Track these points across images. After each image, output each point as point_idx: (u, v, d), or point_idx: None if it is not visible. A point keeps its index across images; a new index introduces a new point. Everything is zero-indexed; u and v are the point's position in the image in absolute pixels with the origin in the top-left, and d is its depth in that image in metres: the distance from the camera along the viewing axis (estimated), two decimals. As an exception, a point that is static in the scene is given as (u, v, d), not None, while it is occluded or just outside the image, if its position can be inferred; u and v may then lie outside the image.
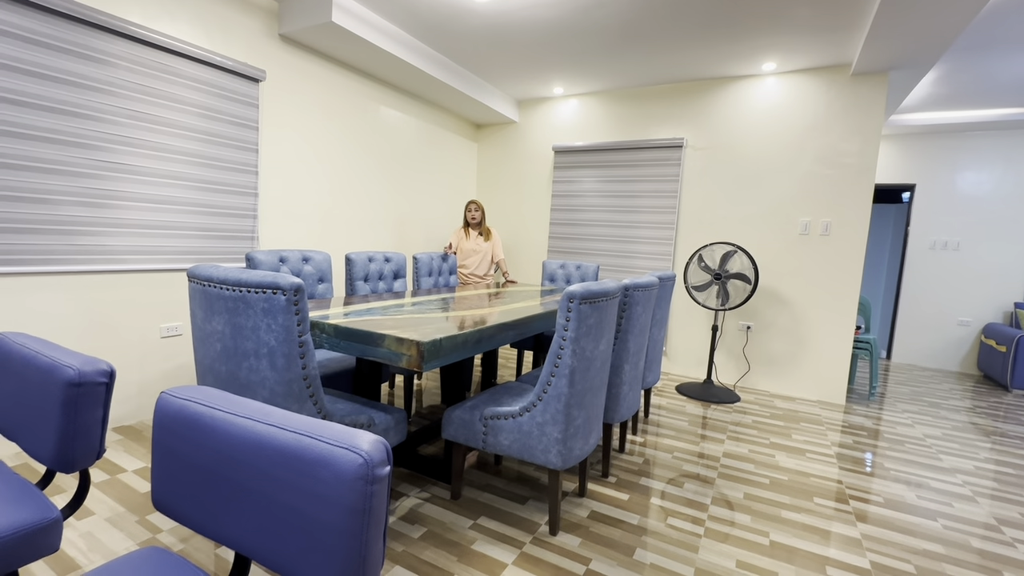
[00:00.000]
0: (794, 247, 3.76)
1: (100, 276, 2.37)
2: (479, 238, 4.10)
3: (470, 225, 4.13)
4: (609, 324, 1.87)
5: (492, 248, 4.15)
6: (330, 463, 0.62)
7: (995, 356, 4.51)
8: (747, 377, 3.99)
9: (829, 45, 3.21)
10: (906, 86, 3.59)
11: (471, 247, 4.08)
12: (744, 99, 3.87)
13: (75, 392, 0.95)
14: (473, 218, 4.09)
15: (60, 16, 2.11)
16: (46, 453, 0.98)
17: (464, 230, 4.14)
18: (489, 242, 4.13)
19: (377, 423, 1.71)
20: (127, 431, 2.45)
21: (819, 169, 3.64)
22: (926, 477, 2.47)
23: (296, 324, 1.44)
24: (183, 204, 2.63)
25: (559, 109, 4.68)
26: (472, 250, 4.08)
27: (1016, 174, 4.72)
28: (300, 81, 3.21)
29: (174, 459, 0.77)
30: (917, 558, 1.78)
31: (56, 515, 0.96)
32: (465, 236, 4.11)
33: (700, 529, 1.89)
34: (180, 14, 2.54)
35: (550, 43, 3.44)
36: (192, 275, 1.56)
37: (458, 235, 4.12)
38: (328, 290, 2.73)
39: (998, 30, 2.93)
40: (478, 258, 4.09)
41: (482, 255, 4.10)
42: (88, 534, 1.64)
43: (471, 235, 4.10)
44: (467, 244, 4.09)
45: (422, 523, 1.83)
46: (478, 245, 4.08)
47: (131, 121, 2.39)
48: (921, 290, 5.15)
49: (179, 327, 2.70)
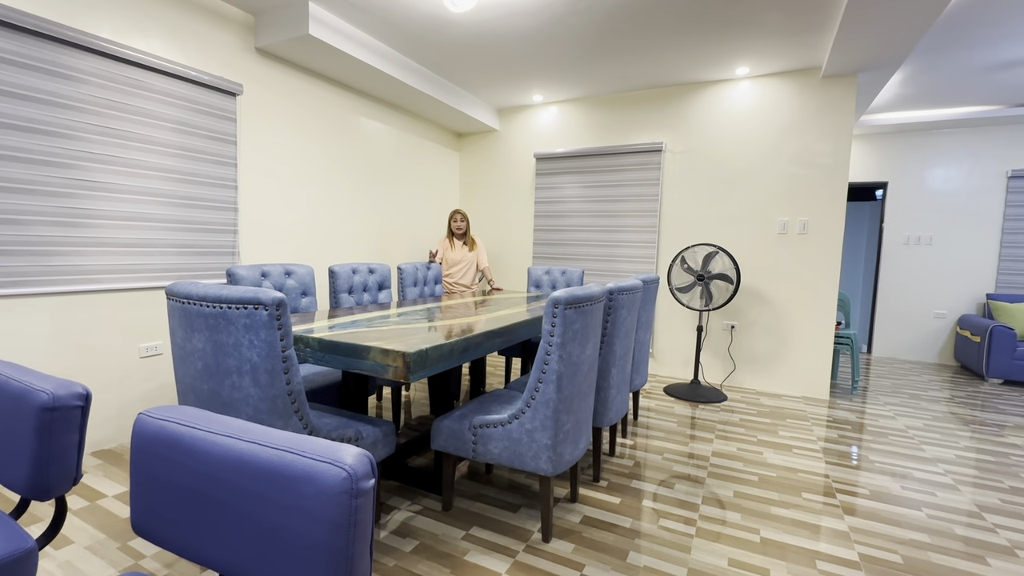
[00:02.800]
0: (773, 246, 3.83)
1: (75, 297, 2.31)
2: (463, 248, 4.11)
3: (455, 235, 4.12)
4: (595, 328, 1.88)
5: (477, 257, 4.16)
6: (313, 478, 0.62)
7: (971, 347, 4.63)
8: (733, 376, 4.03)
9: (799, 48, 3.30)
10: (874, 87, 3.70)
11: (456, 257, 4.08)
12: (720, 103, 3.95)
13: (49, 417, 0.92)
14: (459, 228, 4.08)
15: (27, 33, 2.07)
16: (19, 481, 0.95)
17: (449, 239, 4.14)
18: (474, 252, 4.15)
19: (365, 436, 1.69)
20: (107, 455, 2.38)
21: (794, 169, 3.72)
22: (909, 468, 2.52)
23: (279, 339, 1.42)
24: (160, 221, 2.59)
25: (539, 117, 4.72)
26: (457, 260, 4.08)
27: (983, 169, 4.88)
28: (278, 94, 3.19)
29: (153, 482, 0.75)
30: (903, 548, 1.81)
31: (30, 545, 0.93)
32: (450, 246, 4.11)
33: (692, 529, 1.90)
34: (152, 29, 2.51)
35: (528, 51, 3.48)
36: (170, 292, 1.53)
37: (443, 244, 4.11)
38: (312, 303, 2.70)
39: (959, 32, 3.04)
40: (463, 267, 4.09)
41: (467, 264, 4.10)
42: (67, 563, 1.59)
43: (456, 245, 4.11)
44: (452, 254, 4.09)
45: (414, 536, 1.81)
46: (463, 255, 4.09)
47: (104, 138, 2.35)
48: (898, 285, 5.28)
49: (159, 346, 2.65)
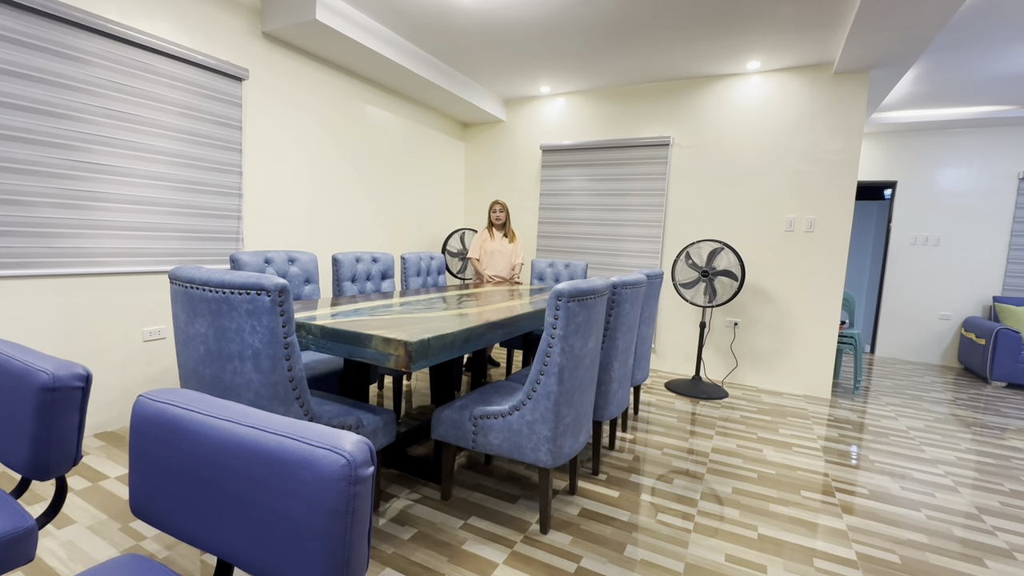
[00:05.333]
0: (779, 244, 3.80)
1: (79, 279, 2.31)
2: (504, 240, 3.93)
3: (494, 225, 3.95)
4: (597, 322, 1.87)
5: (515, 250, 3.97)
6: (312, 464, 0.61)
7: (975, 349, 4.60)
8: (735, 373, 4.02)
9: (812, 43, 3.25)
10: (887, 84, 3.65)
11: (495, 247, 3.89)
12: (730, 97, 3.90)
13: (49, 397, 0.92)
14: (498, 219, 3.92)
15: (34, 12, 2.06)
16: (20, 460, 0.96)
17: (489, 230, 3.95)
18: (513, 244, 3.95)
19: (365, 424, 1.69)
20: (109, 437, 2.40)
21: (803, 166, 3.68)
22: (909, 468, 2.51)
23: (281, 325, 1.42)
24: (165, 205, 2.58)
25: (546, 108, 4.68)
26: (496, 251, 3.90)
27: (993, 170, 4.82)
28: (284, 80, 3.17)
29: (152, 464, 0.75)
30: (901, 548, 1.81)
31: (30, 524, 0.93)
32: (490, 236, 3.92)
33: (690, 524, 1.90)
34: (158, 11, 2.49)
35: (537, 41, 3.44)
36: (173, 277, 1.53)
37: (482, 236, 3.92)
38: (315, 291, 2.70)
39: (975, 29, 2.99)
40: (502, 259, 3.91)
41: (506, 256, 3.92)
42: (69, 543, 1.60)
43: (495, 236, 3.92)
44: (490, 244, 3.90)
45: (412, 524, 1.81)
46: (502, 246, 3.90)
47: (110, 120, 2.34)
48: (903, 285, 5.24)
49: (162, 330, 2.65)
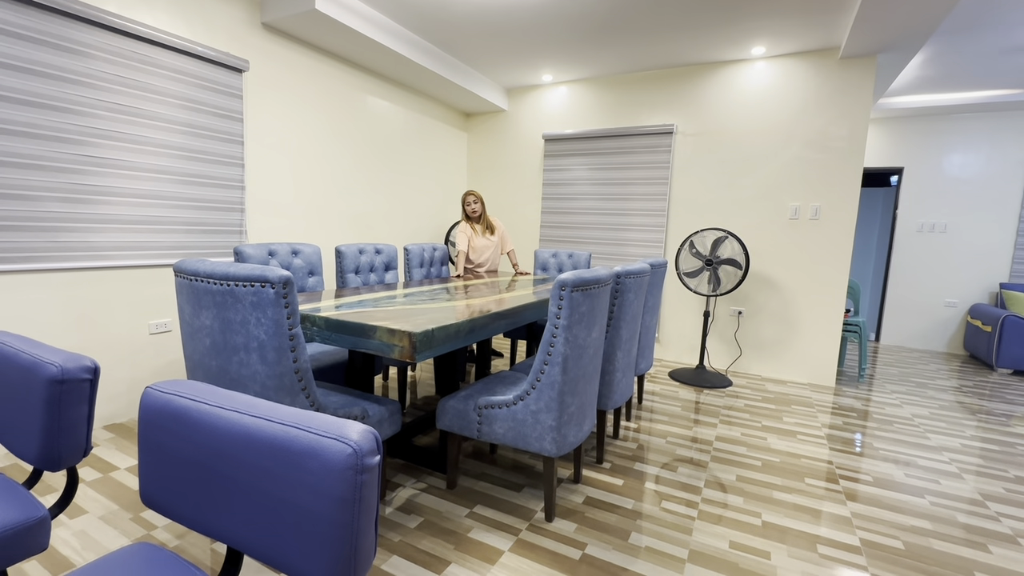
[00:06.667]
0: (784, 232, 3.78)
1: (85, 273, 2.33)
2: (486, 232, 3.72)
3: (470, 219, 3.69)
4: (601, 311, 1.87)
5: (500, 240, 3.80)
6: (319, 454, 0.62)
7: (981, 336, 4.58)
8: (739, 362, 4.02)
9: (818, 28, 3.20)
10: (894, 69, 3.59)
11: (482, 244, 3.69)
12: (734, 84, 3.85)
13: (58, 389, 0.93)
14: (473, 211, 3.64)
15: (33, 6, 2.05)
16: (31, 452, 0.97)
17: (469, 226, 3.69)
18: (496, 234, 3.76)
19: (371, 415, 1.70)
20: (118, 429, 2.43)
21: (808, 153, 3.64)
22: (914, 456, 2.52)
23: (286, 317, 1.43)
24: (168, 198, 2.59)
25: (548, 97, 4.64)
26: (483, 247, 3.70)
27: (1002, 156, 4.76)
28: (285, 71, 3.15)
29: (161, 454, 0.76)
30: (905, 534, 1.82)
31: (43, 514, 0.95)
32: (475, 233, 3.69)
33: (694, 512, 1.91)
34: (158, 3, 2.47)
35: (538, 29, 3.40)
36: (178, 270, 1.53)
37: (466, 233, 3.65)
38: (319, 283, 2.71)
39: (983, 13, 2.93)
40: (489, 254, 3.72)
41: (493, 250, 3.73)
42: (81, 532, 1.63)
43: (477, 230, 3.70)
44: (478, 240, 3.68)
45: (418, 513, 1.83)
46: (488, 240, 3.71)
47: (112, 114, 2.34)
48: (909, 272, 5.21)
49: (168, 323, 2.67)
